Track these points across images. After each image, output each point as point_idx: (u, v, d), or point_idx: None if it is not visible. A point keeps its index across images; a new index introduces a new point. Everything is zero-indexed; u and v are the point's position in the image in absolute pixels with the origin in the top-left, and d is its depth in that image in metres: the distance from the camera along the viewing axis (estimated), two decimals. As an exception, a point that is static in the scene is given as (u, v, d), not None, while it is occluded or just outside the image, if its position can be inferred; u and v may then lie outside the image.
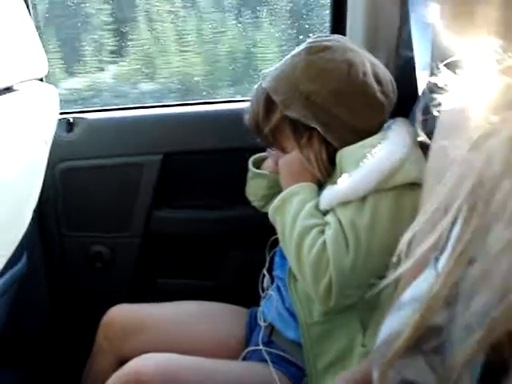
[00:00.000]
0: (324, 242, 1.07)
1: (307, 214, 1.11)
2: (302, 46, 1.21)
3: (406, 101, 1.28)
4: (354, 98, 1.16)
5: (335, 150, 1.17)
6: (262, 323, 1.29)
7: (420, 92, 1.33)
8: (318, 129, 1.16)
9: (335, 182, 1.12)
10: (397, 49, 1.46)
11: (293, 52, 1.22)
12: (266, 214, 1.36)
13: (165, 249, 1.66)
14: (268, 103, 1.20)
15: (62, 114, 1.50)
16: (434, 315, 0.45)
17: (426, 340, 0.45)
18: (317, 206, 1.13)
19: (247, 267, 1.56)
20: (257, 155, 1.38)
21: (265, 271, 1.36)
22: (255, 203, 1.40)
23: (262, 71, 1.27)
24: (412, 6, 1.35)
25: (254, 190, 1.38)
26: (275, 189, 1.32)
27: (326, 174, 1.19)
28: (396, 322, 0.52)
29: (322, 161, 1.19)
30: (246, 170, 1.38)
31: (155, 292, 1.66)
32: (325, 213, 1.13)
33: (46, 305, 1.63)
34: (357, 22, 1.45)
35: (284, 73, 1.19)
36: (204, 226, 1.64)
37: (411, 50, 1.37)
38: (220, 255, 1.65)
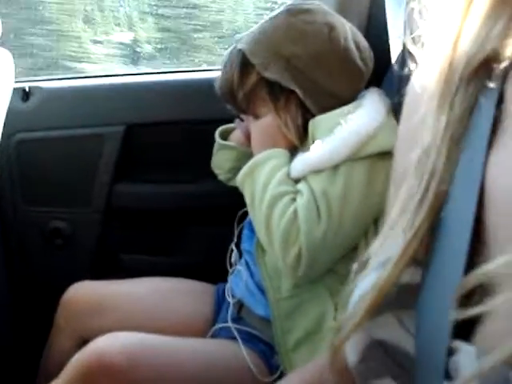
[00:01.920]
0: (295, 211, 1.04)
1: (279, 180, 1.08)
2: (281, 9, 1.17)
3: (378, 70, 1.25)
4: (335, 62, 1.13)
5: (311, 117, 1.13)
6: (230, 299, 1.25)
7: (393, 61, 1.30)
8: (297, 92, 1.13)
9: (307, 150, 1.10)
10: (369, 16, 1.43)
11: (270, 14, 1.18)
12: (232, 188, 1.32)
13: (127, 224, 1.60)
14: (244, 66, 1.16)
15: (16, 82, 1.42)
16: (402, 274, 0.45)
17: (394, 298, 0.45)
18: (289, 174, 1.10)
19: (213, 242, 1.52)
20: (224, 126, 1.33)
21: (233, 246, 1.32)
22: (221, 176, 1.35)
23: (236, 35, 1.23)
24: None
25: (221, 162, 1.33)
26: (243, 161, 1.26)
27: (301, 140, 1.16)
28: (363, 288, 0.50)
29: (298, 126, 1.15)
30: (212, 142, 1.33)
31: (117, 269, 1.59)
32: (296, 181, 1.10)
33: (1, 283, 1.56)
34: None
35: (262, 35, 1.15)
36: (168, 201, 1.58)
37: (384, 18, 1.34)
38: (185, 230, 1.60)
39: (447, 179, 0.45)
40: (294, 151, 1.16)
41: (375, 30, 1.38)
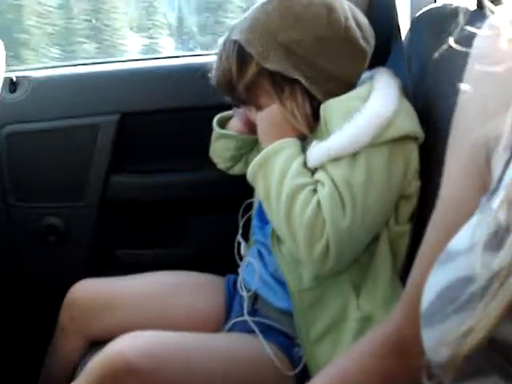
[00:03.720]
0: (318, 202, 1.00)
1: (295, 172, 1.03)
2: None
3: (380, 49, 1.22)
4: (337, 45, 1.09)
5: (318, 103, 1.09)
6: (243, 293, 1.20)
7: (403, 37, 1.28)
8: (301, 80, 1.08)
9: (320, 138, 1.05)
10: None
11: None
12: (233, 177, 1.29)
13: (125, 217, 1.54)
14: (241, 57, 1.10)
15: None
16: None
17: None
18: (304, 164, 1.06)
19: (215, 233, 1.49)
20: (221, 114, 1.28)
21: (240, 238, 1.28)
22: (221, 165, 1.31)
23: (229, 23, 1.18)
24: None
25: (220, 151, 1.29)
26: (243, 149, 1.25)
27: (310, 128, 1.11)
28: (450, 274, 0.47)
29: (307, 114, 1.11)
30: (211, 129, 1.28)
31: (116, 264, 1.54)
32: (313, 170, 1.05)
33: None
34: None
35: (257, 22, 1.09)
36: (167, 191, 1.52)
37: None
38: (185, 221, 1.55)
39: None
40: (304, 139, 1.12)
41: (377, 5, 1.34)
